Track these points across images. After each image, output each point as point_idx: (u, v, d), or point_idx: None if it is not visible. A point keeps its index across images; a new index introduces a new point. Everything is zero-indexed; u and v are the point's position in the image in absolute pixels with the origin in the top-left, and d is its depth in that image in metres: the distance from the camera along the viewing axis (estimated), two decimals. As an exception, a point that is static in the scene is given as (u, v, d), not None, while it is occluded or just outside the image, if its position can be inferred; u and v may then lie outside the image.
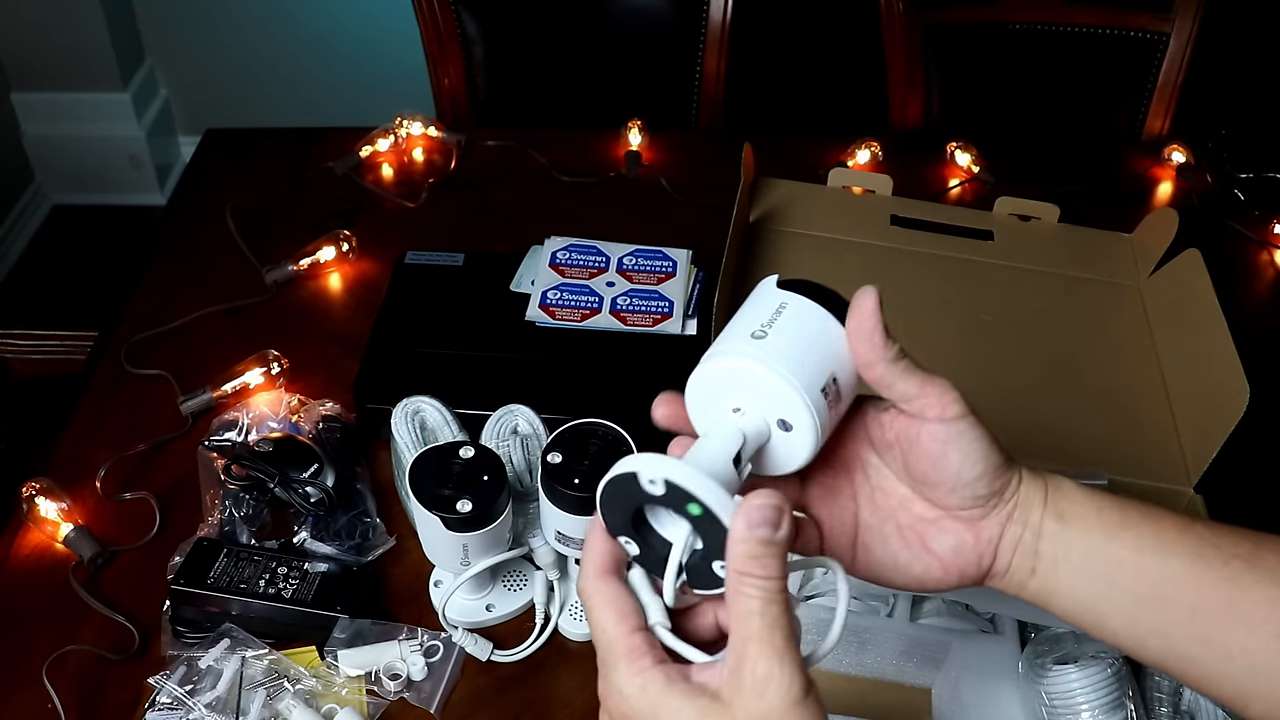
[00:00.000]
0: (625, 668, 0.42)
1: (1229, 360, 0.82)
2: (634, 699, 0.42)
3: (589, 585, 0.46)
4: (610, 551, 0.46)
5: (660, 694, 0.41)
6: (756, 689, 0.40)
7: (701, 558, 0.45)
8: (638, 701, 0.42)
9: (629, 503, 0.44)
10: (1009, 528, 0.50)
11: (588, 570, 0.46)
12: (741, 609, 0.42)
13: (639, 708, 0.42)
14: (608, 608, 0.44)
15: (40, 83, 2.41)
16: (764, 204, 1.08)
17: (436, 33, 1.57)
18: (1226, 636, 0.47)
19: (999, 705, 0.72)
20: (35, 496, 0.89)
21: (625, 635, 0.43)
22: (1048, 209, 1.10)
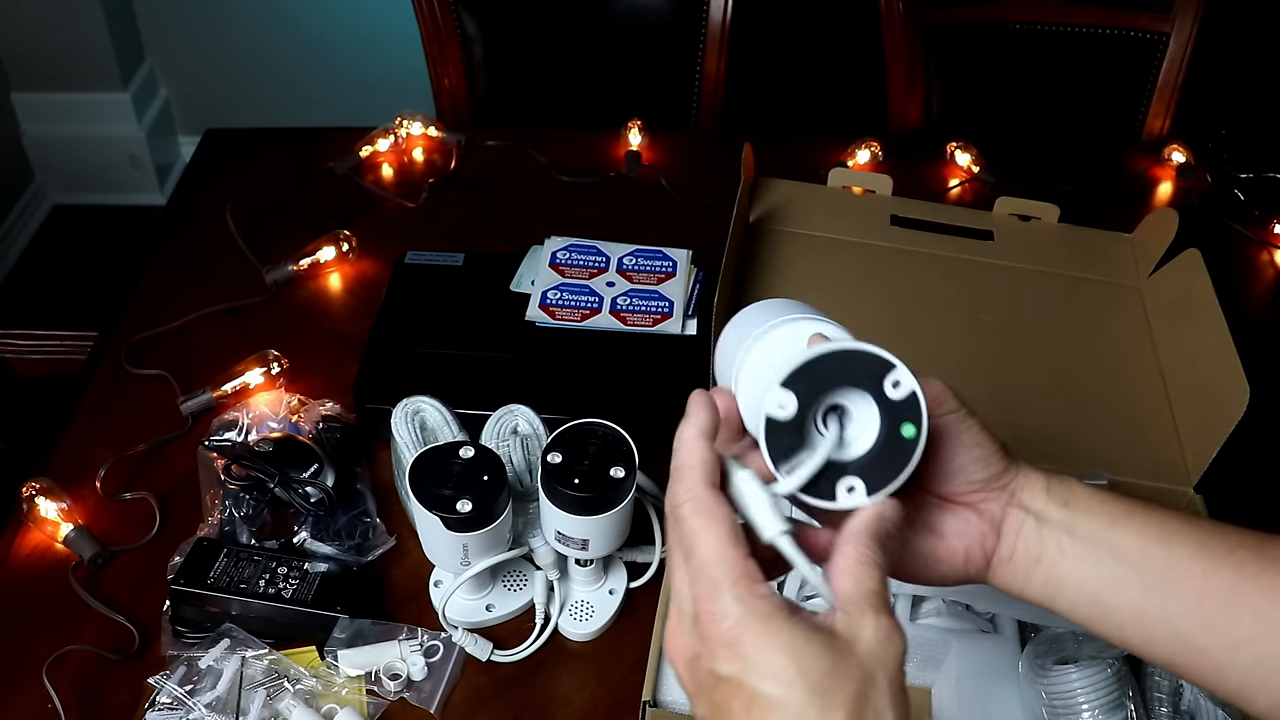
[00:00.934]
0: (743, 590, 0.40)
1: (1229, 360, 0.82)
2: (747, 623, 0.40)
3: (700, 496, 0.43)
4: (717, 466, 0.44)
5: (783, 623, 0.39)
6: (882, 637, 0.40)
7: (839, 472, 0.44)
8: (751, 626, 0.40)
9: (835, 383, 0.44)
10: (1011, 510, 0.51)
11: (695, 481, 0.43)
12: (863, 570, 0.42)
13: (747, 634, 0.40)
14: (722, 525, 0.42)
15: (40, 83, 2.41)
16: (764, 204, 1.08)
17: (436, 33, 1.57)
18: (1233, 624, 0.47)
19: (999, 705, 0.72)
20: (35, 496, 0.89)
21: (741, 558, 0.41)
22: (1048, 209, 1.10)
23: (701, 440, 0.45)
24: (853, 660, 0.39)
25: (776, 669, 0.38)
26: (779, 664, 0.38)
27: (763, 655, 0.39)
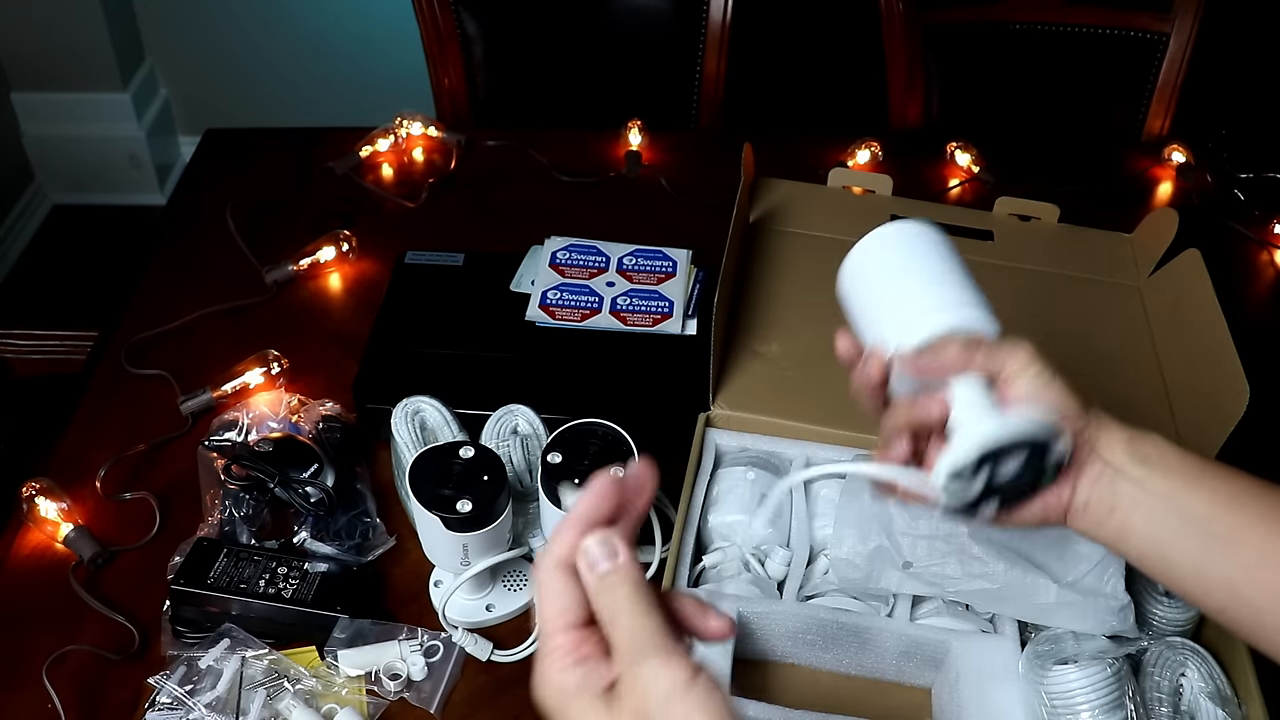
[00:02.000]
0: (551, 658, 0.43)
1: (1229, 360, 0.82)
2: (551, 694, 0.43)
3: (543, 573, 0.46)
4: (573, 546, 0.46)
5: (571, 696, 0.43)
6: (635, 688, 0.41)
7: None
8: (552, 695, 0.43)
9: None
10: (1089, 463, 0.57)
11: (548, 558, 0.46)
12: (607, 627, 0.43)
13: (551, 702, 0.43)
14: (553, 600, 0.45)
15: (40, 83, 2.41)
16: (764, 204, 1.08)
17: (436, 33, 1.57)
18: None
19: (999, 705, 0.72)
20: (35, 496, 0.89)
21: (560, 630, 0.44)
22: (1048, 209, 1.10)
23: (571, 521, 0.46)
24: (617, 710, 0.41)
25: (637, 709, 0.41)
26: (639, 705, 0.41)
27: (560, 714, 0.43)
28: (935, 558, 0.76)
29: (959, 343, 0.60)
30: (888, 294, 0.64)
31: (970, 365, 0.59)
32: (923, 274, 0.63)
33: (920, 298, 0.62)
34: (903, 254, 0.64)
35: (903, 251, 0.64)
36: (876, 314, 0.64)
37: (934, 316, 0.61)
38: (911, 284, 0.63)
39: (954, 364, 0.59)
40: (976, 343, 0.59)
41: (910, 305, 0.62)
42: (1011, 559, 0.75)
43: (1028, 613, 0.75)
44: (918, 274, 0.63)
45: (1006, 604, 0.75)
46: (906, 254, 0.64)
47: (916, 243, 0.64)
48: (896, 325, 0.62)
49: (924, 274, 0.63)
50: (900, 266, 0.64)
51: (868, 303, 0.65)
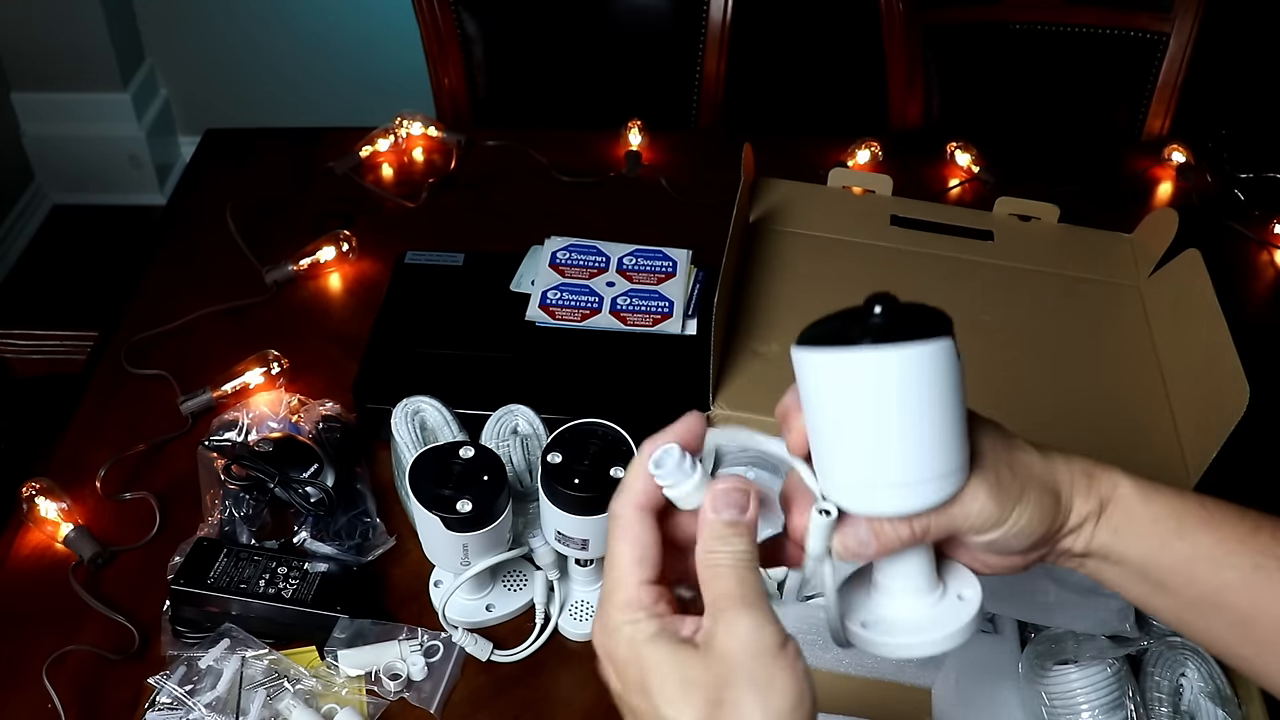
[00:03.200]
0: (623, 614, 0.44)
1: (1229, 360, 0.82)
2: (617, 638, 0.44)
3: (624, 512, 0.46)
4: (656, 492, 0.46)
5: (645, 643, 0.43)
6: (739, 635, 0.42)
7: None
8: (619, 642, 0.44)
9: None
10: (1056, 547, 0.51)
11: (626, 498, 0.46)
12: (709, 573, 0.44)
13: (621, 649, 0.44)
14: (633, 546, 0.45)
15: (40, 83, 2.41)
16: (764, 204, 1.08)
17: (436, 33, 1.57)
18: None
19: (999, 705, 0.72)
20: (35, 496, 0.89)
21: (636, 583, 0.44)
22: (1048, 209, 1.10)
23: (638, 463, 0.47)
24: (703, 666, 0.42)
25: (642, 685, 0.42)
26: (642, 681, 0.42)
27: (633, 675, 0.43)
28: (935, 558, 0.76)
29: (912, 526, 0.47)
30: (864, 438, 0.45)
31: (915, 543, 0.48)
32: (939, 420, 0.45)
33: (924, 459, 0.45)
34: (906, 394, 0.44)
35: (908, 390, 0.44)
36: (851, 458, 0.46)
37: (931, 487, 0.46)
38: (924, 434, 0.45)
39: (896, 547, 0.47)
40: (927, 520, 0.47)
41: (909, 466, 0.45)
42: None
43: (1028, 613, 0.75)
44: (933, 421, 0.45)
45: (1006, 604, 0.75)
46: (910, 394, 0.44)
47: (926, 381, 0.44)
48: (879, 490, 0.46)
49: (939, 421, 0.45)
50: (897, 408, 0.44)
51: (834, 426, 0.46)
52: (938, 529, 0.47)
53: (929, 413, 0.44)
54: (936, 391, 0.44)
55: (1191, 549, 0.48)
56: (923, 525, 0.46)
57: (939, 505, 0.46)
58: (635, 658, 0.43)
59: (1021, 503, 0.47)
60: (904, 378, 0.44)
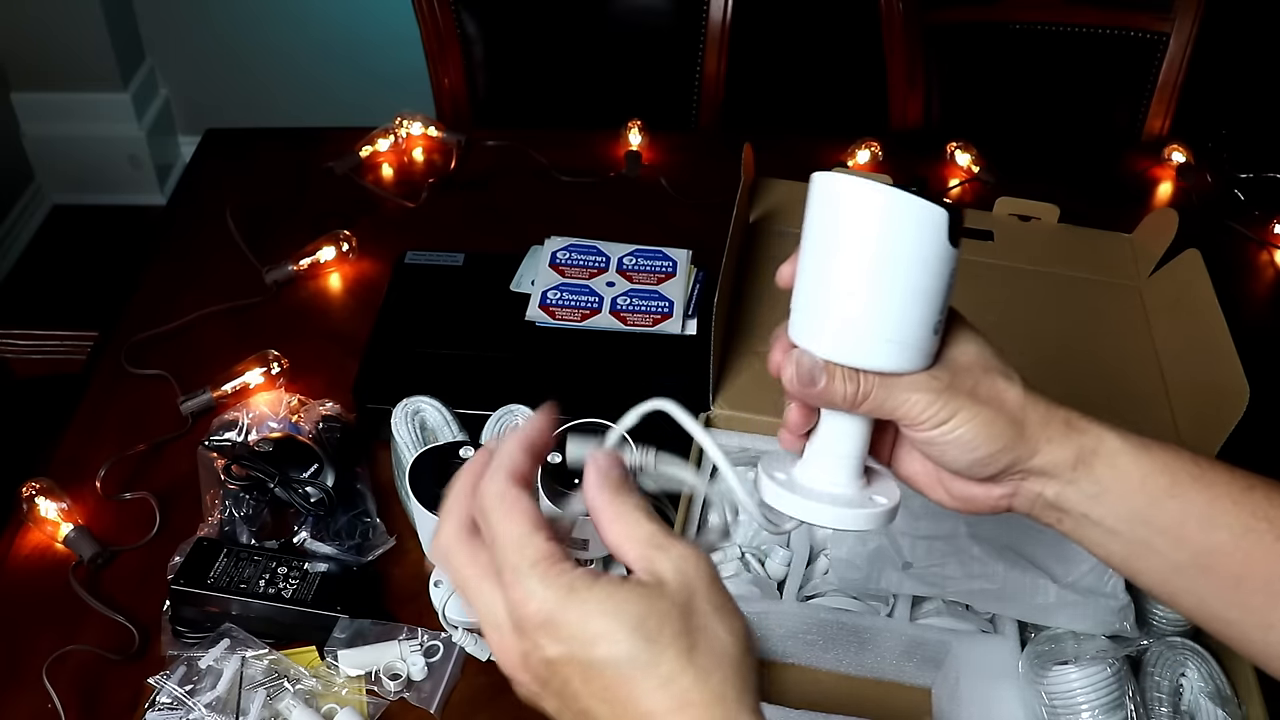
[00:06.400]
0: (544, 569, 0.41)
1: (1229, 360, 0.82)
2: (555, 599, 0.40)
3: (499, 490, 0.43)
4: (521, 465, 0.45)
5: (588, 589, 0.40)
6: (681, 565, 0.41)
7: None
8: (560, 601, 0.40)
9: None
10: (1023, 489, 0.50)
11: (497, 473, 0.44)
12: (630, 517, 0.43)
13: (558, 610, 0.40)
14: (521, 513, 0.42)
15: (40, 83, 2.41)
16: (764, 204, 1.08)
17: (436, 33, 1.57)
18: (1269, 607, 0.47)
19: (999, 705, 0.72)
20: (35, 496, 0.89)
21: (542, 541, 0.41)
22: (1048, 209, 1.10)
23: (509, 442, 0.45)
24: (664, 597, 0.40)
25: (597, 632, 0.39)
26: (597, 626, 0.39)
27: (580, 623, 0.39)
28: (935, 558, 0.76)
29: (853, 383, 0.48)
30: (855, 280, 0.48)
31: (856, 409, 0.49)
32: (910, 287, 0.47)
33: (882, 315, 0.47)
34: (906, 247, 0.47)
35: (908, 244, 0.47)
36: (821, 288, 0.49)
37: (879, 348, 0.48)
38: (892, 292, 0.47)
39: (840, 404, 0.48)
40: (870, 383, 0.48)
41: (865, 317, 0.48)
42: (1011, 559, 0.75)
43: (1028, 613, 0.75)
44: (904, 284, 0.47)
45: (1006, 604, 0.75)
46: (910, 250, 0.47)
47: (927, 243, 0.47)
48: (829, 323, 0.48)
49: (910, 288, 0.47)
50: (892, 259, 0.47)
51: (826, 264, 0.49)
52: (876, 402, 0.48)
53: (912, 276, 0.47)
54: (926, 260, 0.47)
55: (1183, 507, 0.48)
56: (865, 390, 0.48)
57: (886, 371, 0.48)
58: (577, 606, 0.39)
59: (967, 412, 0.48)
60: (903, 226, 0.47)
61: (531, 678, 0.42)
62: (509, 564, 0.41)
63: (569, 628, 0.39)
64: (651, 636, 0.39)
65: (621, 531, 0.42)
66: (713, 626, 0.40)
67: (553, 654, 0.40)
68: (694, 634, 0.39)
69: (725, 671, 0.39)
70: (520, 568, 0.41)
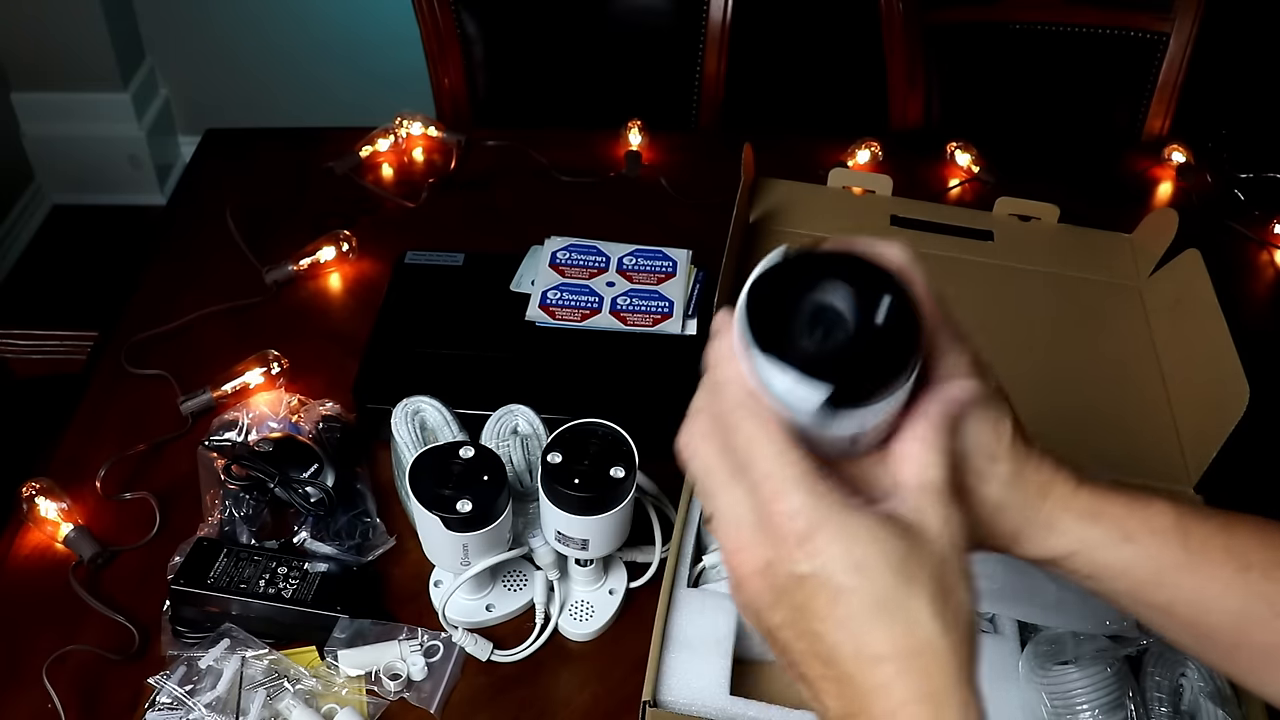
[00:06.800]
0: (813, 484, 0.39)
1: (1229, 360, 0.82)
2: (822, 518, 0.39)
3: (749, 403, 0.40)
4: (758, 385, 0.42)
5: (857, 514, 0.39)
6: (951, 523, 0.40)
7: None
8: (827, 519, 0.39)
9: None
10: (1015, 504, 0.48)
11: (740, 390, 0.41)
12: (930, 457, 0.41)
13: (822, 528, 0.39)
14: (779, 427, 0.40)
15: (40, 83, 2.41)
16: (764, 204, 1.08)
17: (436, 33, 1.57)
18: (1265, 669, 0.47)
19: (999, 705, 0.72)
20: (35, 496, 0.89)
21: (804, 456, 0.40)
22: (1048, 209, 1.10)
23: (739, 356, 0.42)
24: (925, 546, 0.39)
25: (858, 560, 0.38)
26: (860, 554, 0.38)
27: (842, 547, 0.38)
28: (935, 558, 0.76)
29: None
30: None
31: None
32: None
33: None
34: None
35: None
36: None
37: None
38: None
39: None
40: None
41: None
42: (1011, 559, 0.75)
43: (1028, 613, 0.75)
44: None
45: (1006, 604, 0.75)
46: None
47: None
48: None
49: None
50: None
51: None
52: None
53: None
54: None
55: (1170, 594, 0.47)
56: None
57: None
58: (844, 530, 0.38)
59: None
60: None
61: (768, 586, 0.40)
62: (767, 473, 0.40)
63: (832, 548, 0.38)
64: (908, 578, 0.38)
65: (923, 459, 0.41)
66: (961, 590, 0.39)
67: (805, 569, 0.39)
68: (946, 590, 0.39)
69: (964, 632, 0.39)
70: (785, 478, 0.39)
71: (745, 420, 0.40)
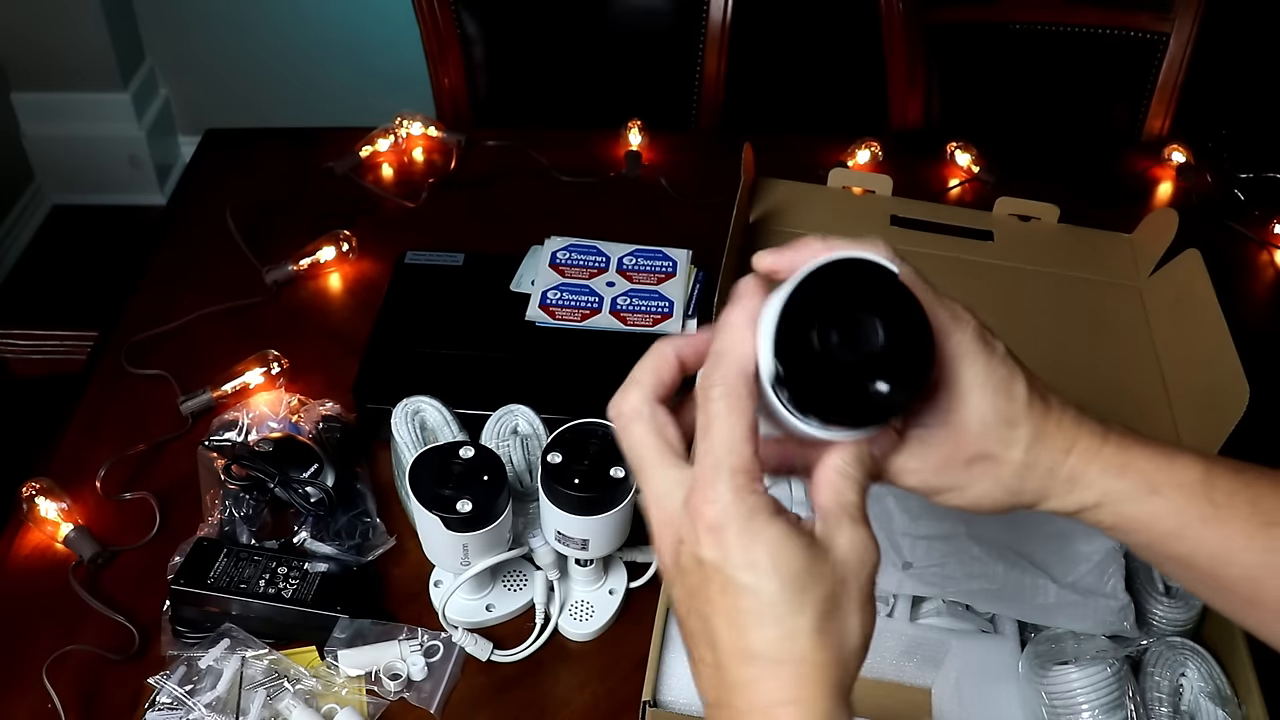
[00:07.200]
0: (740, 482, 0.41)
1: (1229, 360, 0.82)
2: (733, 513, 0.40)
3: (733, 384, 0.42)
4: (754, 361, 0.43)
5: (767, 519, 0.41)
6: (857, 547, 0.42)
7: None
8: (737, 516, 0.40)
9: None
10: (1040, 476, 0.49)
11: (732, 369, 0.42)
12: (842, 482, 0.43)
13: (731, 523, 0.40)
14: (743, 417, 0.42)
15: (40, 83, 2.41)
16: (764, 204, 1.08)
17: (436, 33, 1.57)
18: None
19: (999, 705, 0.72)
20: (35, 496, 0.89)
21: (750, 454, 0.41)
22: (1048, 209, 1.10)
23: (747, 330, 0.43)
24: (827, 564, 0.41)
25: (754, 560, 0.40)
26: (757, 556, 0.40)
27: (743, 546, 0.40)
28: (935, 558, 0.76)
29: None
30: None
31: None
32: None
33: None
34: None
35: None
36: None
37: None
38: None
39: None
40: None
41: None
42: (1011, 559, 0.75)
43: (1028, 613, 0.75)
44: None
45: (1006, 604, 0.75)
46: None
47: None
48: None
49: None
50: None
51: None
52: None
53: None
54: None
55: (1192, 547, 0.47)
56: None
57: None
58: (750, 531, 0.40)
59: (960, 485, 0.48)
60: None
61: (674, 563, 0.43)
62: (712, 458, 0.41)
63: (733, 544, 0.40)
64: (799, 590, 0.40)
65: (828, 480, 0.43)
66: (851, 614, 0.41)
67: (706, 556, 0.41)
68: (834, 611, 0.40)
69: (843, 654, 0.41)
70: (721, 470, 0.41)
71: (720, 399, 0.42)
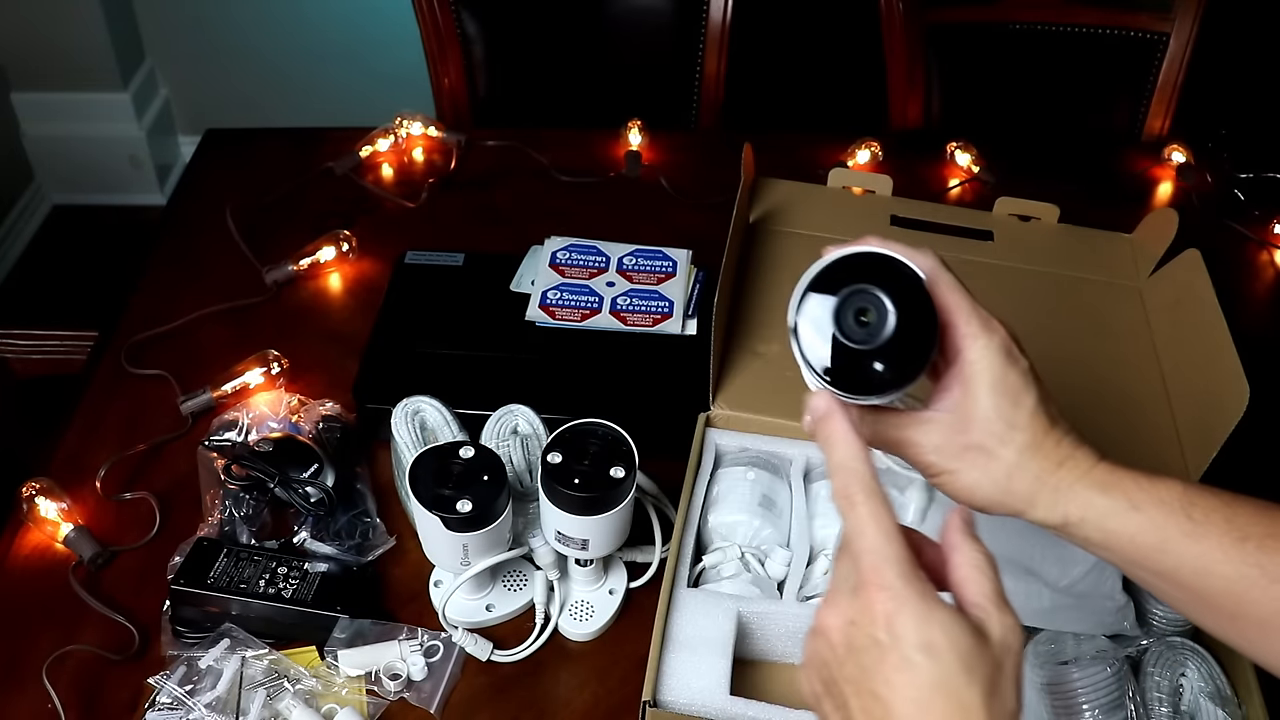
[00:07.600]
0: (907, 570, 0.45)
1: (1229, 360, 0.82)
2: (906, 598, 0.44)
3: (873, 490, 0.47)
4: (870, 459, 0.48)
5: (937, 604, 0.44)
6: (1008, 631, 0.45)
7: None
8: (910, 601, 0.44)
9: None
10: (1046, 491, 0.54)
11: (865, 476, 0.47)
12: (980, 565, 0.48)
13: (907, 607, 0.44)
14: (889, 517, 0.46)
15: (40, 83, 2.41)
16: (764, 204, 1.08)
17: (436, 33, 1.57)
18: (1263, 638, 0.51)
19: (999, 705, 0.72)
20: (35, 496, 0.89)
21: (905, 546, 0.46)
22: (1048, 209, 1.10)
23: (857, 442, 0.49)
24: (988, 646, 0.44)
25: (930, 641, 0.43)
26: (932, 638, 0.43)
27: (919, 628, 0.44)
28: (935, 558, 0.76)
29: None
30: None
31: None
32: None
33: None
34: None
35: None
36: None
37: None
38: None
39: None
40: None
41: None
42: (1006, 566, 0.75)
43: (1027, 617, 0.75)
44: None
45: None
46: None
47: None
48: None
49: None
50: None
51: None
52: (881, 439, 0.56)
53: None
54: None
55: (1175, 561, 0.51)
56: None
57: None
58: (923, 614, 0.44)
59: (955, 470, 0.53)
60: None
61: (845, 641, 0.46)
62: (876, 554, 0.46)
63: (909, 625, 0.44)
64: (969, 668, 0.43)
65: (969, 577, 0.47)
66: (1009, 691, 0.44)
67: (883, 638, 0.44)
68: (995, 688, 0.44)
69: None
70: (888, 563, 0.45)
71: (865, 502, 0.47)
